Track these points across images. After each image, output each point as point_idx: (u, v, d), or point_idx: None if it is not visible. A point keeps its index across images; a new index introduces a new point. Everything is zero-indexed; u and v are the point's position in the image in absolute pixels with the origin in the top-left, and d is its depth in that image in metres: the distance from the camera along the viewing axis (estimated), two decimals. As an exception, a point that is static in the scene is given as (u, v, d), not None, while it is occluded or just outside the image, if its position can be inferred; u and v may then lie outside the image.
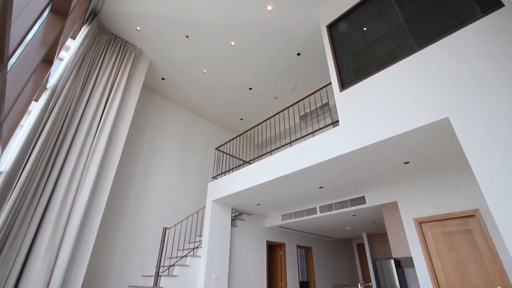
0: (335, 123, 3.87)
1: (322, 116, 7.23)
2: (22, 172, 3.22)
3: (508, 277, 3.31)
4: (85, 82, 4.33)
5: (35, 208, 3.36)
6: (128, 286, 4.67)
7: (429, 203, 4.21)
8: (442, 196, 4.12)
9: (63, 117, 3.84)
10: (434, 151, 3.39)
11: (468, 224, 3.83)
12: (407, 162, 3.70)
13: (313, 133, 4.30)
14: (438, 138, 3.08)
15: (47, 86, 3.74)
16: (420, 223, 4.24)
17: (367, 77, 3.58)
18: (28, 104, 3.15)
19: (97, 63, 4.58)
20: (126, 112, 4.80)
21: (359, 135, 3.33)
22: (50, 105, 3.62)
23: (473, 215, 3.80)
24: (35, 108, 3.53)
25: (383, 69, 3.45)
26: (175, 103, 6.92)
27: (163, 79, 6.16)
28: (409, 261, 5.55)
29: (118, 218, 4.94)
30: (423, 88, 2.97)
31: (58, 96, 3.78)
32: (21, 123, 3.72)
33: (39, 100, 3.61)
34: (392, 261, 6.30)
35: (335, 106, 6.41)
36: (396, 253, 4.56)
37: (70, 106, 3.98)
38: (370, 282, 8.53)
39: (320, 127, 4.30)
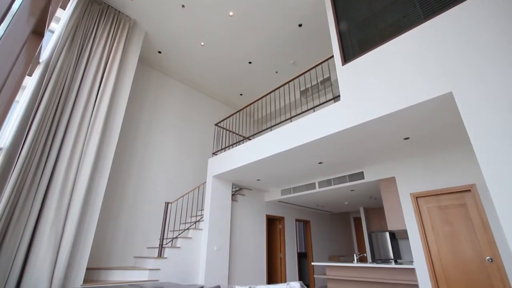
0: (336, 98, 3.81)
1: (323, 91, 7.10)
2: (22, 148, 3.23)
3: (498, 248, 3.45)
4: (79, 56, 4.19)
5: (38, 184, 3.41)
6: (134, 257, 4.88)
7: (426, 179, 4.27)
8: (439, 171, 4.17)
9: (59, 92, 3.77)
10: (434, 127, 3.37)
11: (464, 198, 3.91)
12: (407, 138, 3.69)
13: (313, 108, 4.25)
14: (439, 113, 3.04)
15: (40, 60, 3.63)
16: (416, 197, 4.33)
17: (371, 50, 3.46)
18: (21, 79, 3.07)
19: (90, 36, 4.40)
20: (123, 86, 4.70)
21: (360, 110, 3.29)
22: (45, 80, 3.54)
23: (469, 190, 3.87)
24: (30, 83, 3.45)
25: (387, 41, 3.32)
26: (173, 78, 6.77)
27: (159, 52, 5.97)
28: (404, 234, 5.75)
29: (120, 194, 5.05)
30: (427, 62, 2.88)
31: (52, 70, 3.68)
32: (16, 98, 3.67)
33: (33, 75, 3.52)
34: (387, 234, 6.53)
35: (336, 81, 6.27)
36: (392, 226, 4.71)
37: (65, 81, 3.89)
38: (365, 253, 8.93)
39: (321, 102, 4.24)
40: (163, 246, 4.67)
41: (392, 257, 6.31)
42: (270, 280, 6.65)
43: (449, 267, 3.80)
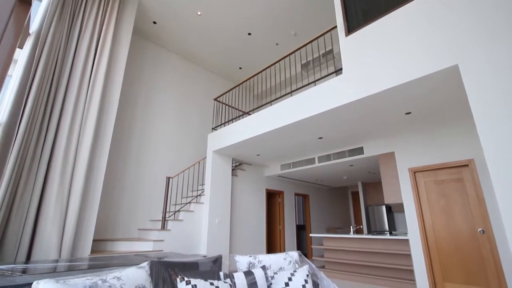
0: (338, 71, 3.70)
1: (325, 64, 6.89)
2: (20, 123, 3.20)
3: (490, 221, 3.55)
4: (70, 27, 4.01)
5: (39, 159, 3.43)
6: (138, 229, 5.06)
7: (425, 154, 4.29)
8: (438, 146, 4.17)
9: (52, 66, 3.66)
10: (436, 101, 3.31)
11: (461, 173, 3.95)
12: (409, 113, 3.64)
13: (314, 82, 4.15)
14: (443, 87, 2.97)
15: (30, 32, 3.48)
16: (414, 172, 4.38)
17: (375, 20, 3.30)
18: (12, 51, 2.96)
19: (81, 4, 4.18)
20: (119, 58, 4.54)
21: (363, 83, 3.21)
22: (37, 52, 3.42)
23: (467, 165, 3.90)
24: (21, 56, 3.34)
25: (393, 10, 3.15)
26: (170, 51, 6.55)
27: (154, 23, 5.70)
28: (400, 207, 5.91)
29: (122, 169, 5.10)
30: (433, 33, 2.76)
31: (43, 42, 3.54)
32: (9, 73, 3.57)
33: (24, 47, 3.40)
34: (384, 207, 6.71)
35: (339, 53, 6.06)
36: (389, 199, 4.82)
37: (58, 54, 3.76)
38: (362, 225, 9.24)
39: (322, 76, 4.10)
40: (166, 219, 4.81)
41: (387, 229, 6.53)
42: (269, 251, 6.95)
43: (442, 238, 3.94)
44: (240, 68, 7.41)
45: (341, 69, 3.58)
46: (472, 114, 2.43)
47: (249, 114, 5.02)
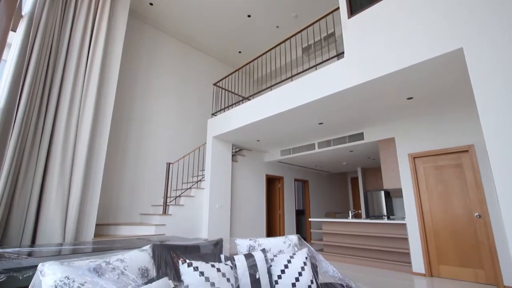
0: (340, 55, 3.62)
1: (327, 48, 6.75)
2: (18, 108, 3.16)
3: (487, 205, 3.60)
4: (65, 7, 3.88)
5: (39, 143, 3.43)
6: (140, 214, 5.13)
7: (425, 139, 4.28)
8: (439, 132, 4.16)
9: (47, 49, 3.58)
10: (439, 86, 3.26)
11: (461, 159, 3.96)
12: (411, 98, 3.60)
13: (315, 66, 4.07)
14: (447, 72, 2.92)
15: (23, 14, 3.38)
16: (414, 158, 4.39)
17: (379, 1, 3.19)
18: (6, 33, 2.89)
19: (74, -15, 4.03)
20: (115, 41, 4.43)
21: (365, 67, 3.15)
22: (31, 35, 3.33)
23: (467, 151, 3.90)
24: (15, 39, 3.25)
25: (399, -10, 3.03)
26: (168, 34, 6.39)
27: (151, 4, 5.53)
28: (398, 192, 5.97)
29: (122, 155, 5.11)
30: (438, 15, 2.68)
31: (37, 24, 3.44)
32: (4, 57, 3.49)
33: (18, 30, 3.31)
34: (382, 192, 6.78)
35: (341, 36, 5.92)
36: (388, 184, 4.86)
37: (52, 37, 3.66)
38: (360, 210, 9.39)
39: (324, 60, 3.99)
40: (167, 204, 4.87)
41: (385, 214, 6.64)
42: (269, 235, 7.09)
43: (439, 222, 4.01)
44: (240, 52, 7.26)
45: (342, 52, 3.50)
46: (475, 98, 2.40)
47: (249, 100, 4.96)
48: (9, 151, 3.02)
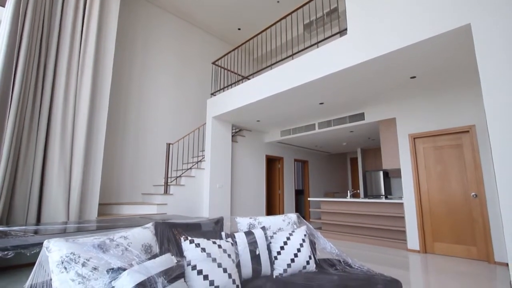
0: (342, 31, 3.50)
1: (329, 24, 6.51)
2: (13, 86, 3.10)
3: (484, 185, 3.64)
4: (55, -19, 3.70)
5: (38, 124, 3.41)
6: (142, 193, 5.22)
7: (426, 120, 4.25)
8: (440, 112, 4.12)
9: (40, 25, 3.44)
10: (443, 65, 3.18)
11: (461, 139, 3.96)
12: (414, 77, 3.53)
13: (317, 43, 3.95)
14: (453, 49, 2.83)
15: (11, -13, 3.21)
16: (414, 138, 4.38)
17: (387, -27, 3.02)
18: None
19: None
20: (110, 14, 4.24)
21: (369, 45, 3.05)
22: (21, 10, 3.19)
23: (467, 131, 3.89)
24: (5, 15, 3.13)
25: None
26: (165, 10, 6.14)
27: (146, -22, 5.26)
28: (397, 172, 6.03)
29: (122, 135, 5.10)
30: (451, -14, 2.54)
31: (26, 0, 3.28)
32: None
33: (6, 5, 3.17)
34: (381, 172, 6.85)
35: (344, 12, 5.70)
36: (387, 165, 4.89)
37: (44, 11, 3.51)
38: (359, 190, 9.54)
39: (326, 37, 3.85)
40: (168, 184, 4.94)
41: (383, 194, 6.75)
42: (269, 214, 7.26)
43: (435, 201, 4.08)
44: (239, 29, 7.02)
45: (345, 29, 3.38)
46: (479, 77, 2.35)
47: (249, 79, 4.86)
48: (7, 131, 3.00)
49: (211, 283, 1.49)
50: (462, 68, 3.27)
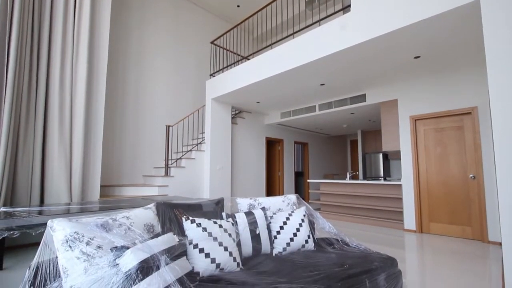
0: (346, 8, 3.36)
1: (332, 1, 6.27)
2: (7, 69, 3.03)
3: (483, 167, 3.66)
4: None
5: (35, 108, 3.37)
6: (143, 175, 5.26)
7: (428, 101, 4.20)
8: (443, 94, 4.06)
9: (30, 10, 3.31)
10: (448, 44, 3.09)
11: (462, 121, 3.93)
12: (418, 57, 3.44)
13: (319, 21, 3.81)
14: (459, 27, 2.74)
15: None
16: (415, 120, 4.35)
17: None
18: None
19: None
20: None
21: (373, 22, 2.94)
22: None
23: (469, 113, 3.85)
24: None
25: None
26: (160, -13, 5.88)
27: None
28: (397, 154, 6.05)
29: (120, 118, 5.06)
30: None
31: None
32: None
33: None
34: (381, 154, 6.88)
35: (348, -11, 5.46)
36: (387, 147, 4.90)
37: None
38: (358, 172, 9.62)
39: (328, 14, 3.70)
40: (169, 166, 4.97)
41: (382, 175, 6.82)
42: (269, 195, 7.38)
43: (433, 183, 4.13)
44: (238, 6, 6.76)
45: (349, 5, 3.25)
46: (485, 55, 2.28)
47: (248, 59, 4.75)
48: (4, 115, 2.96)
49: (213, 260, 1.54)
50: (468, 48, 3.19)
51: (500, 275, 2.44)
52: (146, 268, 1.10)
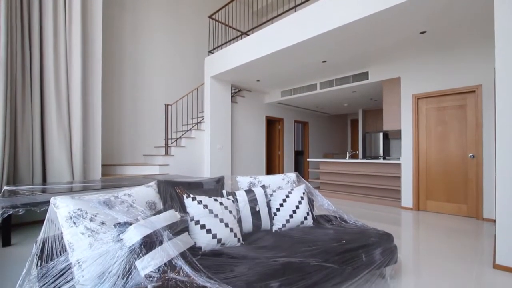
0: (350, -20, 3.19)
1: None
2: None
3: (483, 147, 3.67)
4: None
5: (31, 86, 3.31)
6: (143, 155, 5.29)
7: (432, 79, 4.12)
8: (447, 72, 3.97)
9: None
10: (456, 19, 2.97)
11: (465, 99, 3.88)
12: (424, 32, 3.32)
13: (322, -5, 3.63)
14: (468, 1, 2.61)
15: None
16: (418, 98, 4.29)
17: None
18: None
19: None
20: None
21: (377, -4, 2.80)
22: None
23: (473, 91, 3.79)
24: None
25: None
26: (154, -44, 5.54)
27: None
28: (397, 134, 6.04)
29: (118, 98, 4.98)
30: None
31: None
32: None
33: None
34: (381, 134, 6.87)
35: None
36: (388, 126, 4.87)
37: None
38: (358, 151, 9.67)
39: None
40: (169, 145, 4.97)
41: (382, 155, 6.86)
42: (269, 173, 7.46)
43: (433, 161, 4.15)
44: (238, -22, 6.42)
45: (354, -23, 3.07)
46: (494, 30, 2.20)
47: (248, 35, 4.59)
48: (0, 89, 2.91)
49: (214, 236, 1.58)
50: (476, 23, 3.06)
51: (492, 250, 2.53)
52: (149, 243, 1.13)
